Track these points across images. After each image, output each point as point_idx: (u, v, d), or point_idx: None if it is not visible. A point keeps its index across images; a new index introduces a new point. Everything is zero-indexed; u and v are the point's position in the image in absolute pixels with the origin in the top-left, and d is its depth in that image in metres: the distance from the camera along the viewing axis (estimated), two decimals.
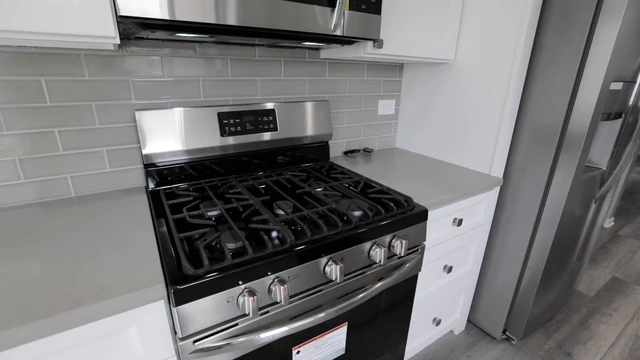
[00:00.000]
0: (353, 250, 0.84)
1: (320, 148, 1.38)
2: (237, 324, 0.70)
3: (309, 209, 0.90)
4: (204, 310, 0.65)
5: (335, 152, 1.55)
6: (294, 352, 0.84)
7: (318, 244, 0.77)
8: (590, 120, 1.11)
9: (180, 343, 0.64)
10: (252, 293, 0.67)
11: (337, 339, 0.92)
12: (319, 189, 1.09)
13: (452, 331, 1.59)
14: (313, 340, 0.86)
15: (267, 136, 1.21)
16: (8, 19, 0.61)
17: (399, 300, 1.07)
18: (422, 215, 0.97)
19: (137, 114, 0.98)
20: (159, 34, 0.87)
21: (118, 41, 0.72)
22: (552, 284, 1.47)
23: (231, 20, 0.77)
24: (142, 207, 0.94)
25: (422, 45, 1.24)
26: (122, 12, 0.67)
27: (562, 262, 1.45)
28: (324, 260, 0.80)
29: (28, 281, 0.62)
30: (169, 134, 1.03)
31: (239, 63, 1.18)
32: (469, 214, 1.25)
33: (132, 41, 0.98)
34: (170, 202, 0.94)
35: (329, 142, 1.50)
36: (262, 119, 1.20)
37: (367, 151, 1.59)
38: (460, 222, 1.19)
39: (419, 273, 1.13)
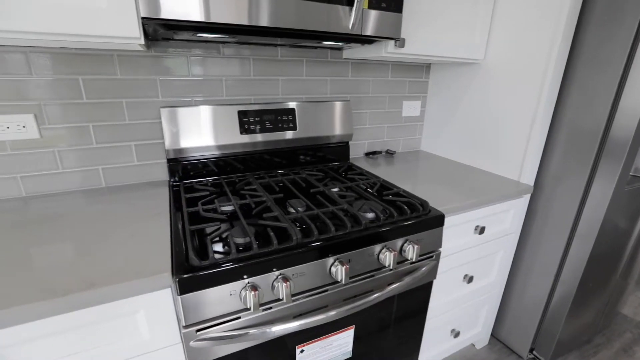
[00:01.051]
0: (361, 252, 0.83)
1: (340, 148, 1.37)
2: (239, 317, 0.71)
3: (320, 209, 0.89)
4: (207, 301, 0.67)
5: (357, 153, 1.54)
6: (298, 350, 0.84)
7: (325, 244, 0.77)
8: (637, 124, 1.00)
9: (184, 331, 0.66)
10: (254, 288, 0.68)
11: (344, 341, 0.90)
12: (335, 189, 1.09)
13: (473, 345, 1.51)
14: (318, 340, 0.86)
15: (286, 135, 1.23)
16: (47, 22, 0.66)
17: (412, 307, 1.03)
18: (437, 221, 0.93)
19: (161, 111, 1.03)
20: (183, 35, 0.91)
21: (142, 41, 0.76)
22: (588, 302, 1.35)
23: (252, 20, 0.79)
24: (163, 200, 0.99)
25: (448, 45, 1.19)
26: (148, 14, 0.71)
27: (601, 280, 1.32)
28: (330, 260, 0.79)
29: (52, 262, 0.67)
30: (190, 131, 1.07)
31: (262, 63, 1.20)
32: (493, 222, 1.18)
33: (160, 42, 1.03)
34: (188, 195, 0.98)
35: (350, 142, 1.49)
36: (282, 118, 1.21)
37: (389, 153, 1.56)
38: (482, 230, 1.12)
39: (434, 281, 1.08)
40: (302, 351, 0.84)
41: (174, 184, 1.09)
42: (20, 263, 0.67)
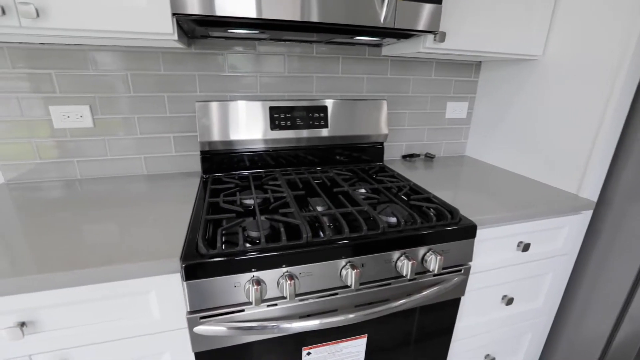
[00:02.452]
0: (376, 257, 0.78)
1: (373, 149, 1.32)
2: (243, 310, 0.71)
3: (339, 209, 0.86)
4: (212, 290, 0.68)
5: (393, 155, 1.47)
6: (304, 352, 0.81)
7: (336, 245, 0.73)
8: None
9: (188, 316, 0.68)
10: (257, 282, 0.67)
11: (355, 349, 0.86)
12: (361, 190, 1.04)
13: None
14: (326, 345, 0.82)
15: (317, 133, 1.21)
16: (94, 20, 0.73)
17: (435, 325, 0.94)
18: (468, 232, 0.84)
19: (197, 105, 1.08)
20: (215, 31, 0.94)
21: (176, 37, 0.81)
22: None
23: (280, 14, 0.78)
24: (192, 190, 1.04)
25: (500, 39, 1.07)
26: (179, 10, 0.74)
27: None
28: (341, 262, 0.75)
29: (79, 238, 0.74)
30: (222, 125, 1.11)
31: (296, 60, 1.20)
32: (541, 239, 1.03)
33: (199, 40, 1.09)
34: (213, 187, 1.01)
35: (385, 144, 1.42)
36: (313, 115, 1.20)
37: (428, 157, 1.46)
38: (526, 248, 0.99)
39: (463, 298, 0.98)
40: (308, 353, 0.82)
41: (205, 175, 1.14)
42: (58, 236, 0.74)
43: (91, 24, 0.74)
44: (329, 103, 1.22)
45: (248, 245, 0.70)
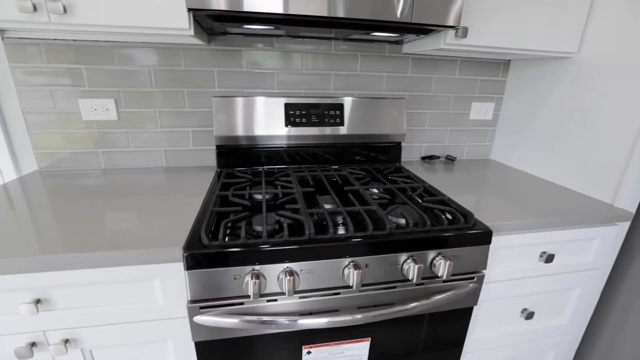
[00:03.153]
0: (382, 259, 0.75)
1: (390, 149, 1.29)
2: (242, 304, 0.71)
3: (347, 207, 0.84)
4: (212, 281, 0.68)
5: (412, 156, 1.42)
6: (304, 351, 0.80)
7: (339, 244, 0.72)
8: None
9: (189, 305, 0.69)
10: (257, 276, 0.67)
11: (357, 352, 0.83)
12: (374, 190, 1.02)
13: None
14: (326, 345, 0.81)
15: (332, 131, 1.20)
16: (109, 16, 0.77)
17: (445, 334, 0.90)
18: (482, 237, 0.79)
19: (213, 100, 1.10)
20: (235, 29, 0.96)
21: (192, 33, 0.83)
22: None
23: (293, 9, 0.78)
24: (205, 183, 1.06)
25: (529, 35, 1.01)
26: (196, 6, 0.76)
27: None
28: (345, 261, 0.73)
29: (95, 223, 0.77)
30: (237, 120, 1.12)
31: (314, 57, 1.20)
32: (567, 250, 0.95)
33: (218, 37, 1.11)
34: (225, 180, 1.02)
35: (403, 144, 1.38)
36: (329, 113, 1.19)
37: (449, 159, 1.40)
38: (550, 259, 0.92)
39: (475, 307, 0.92)
40: (308, 352, 0.80)
41: (219, 169, 1.16)
42: (77, 220, 0.78)
43: (113, 20, 0.78)
44: (345, 101, 1.20)
45: (250, 238, 0.70)
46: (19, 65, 1.02)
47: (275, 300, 0.72)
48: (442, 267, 0.75)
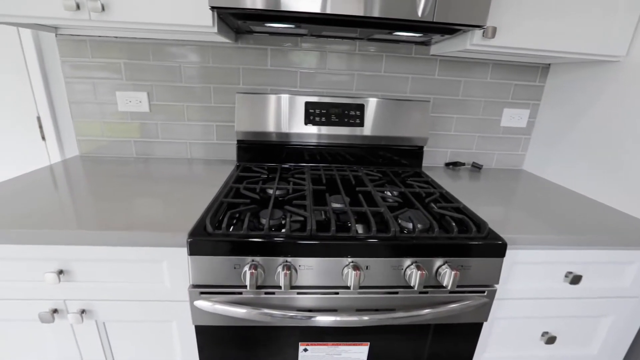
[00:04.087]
0: (384, 262, 0.73)
1: (411, 152, 1.25)
2: (241, 293, 0.72)
3: (354, 207, 0.83)
4: (212, 268, 0.70)
5: (435, 161, 1.37)
6: (301, 347, 0.80)
7: (341, 242, 0.71)
8: None
9: (190, 290, 0.72)
10: (255, 267, 0.68)
11: (355, 356, 0.82)
12: (387, 192, 0.99)
13: None
14: (324, 345, 0.80)
15: (351, 131, 1.19)
16: (141, 13, 0.82)
17: (450, 348, 0.85)
18: (495, 249, 0.74)
19: (236, 96, 1.14)
20: (254, 25, 0.98)
21: (216, 30, 0.86)
22: None
23: (316, 7, 0.78)
24: (224, 175, 1.10)
25: (569, 36, 0.94)
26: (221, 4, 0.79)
27: None
28: (345, 261, 0.72)
29: (118, 205, 0.83)
30: (257, 116, 1.15)
31: (338, 56, 1.20)
32: (599, 272, 0.86)
33: (245, 35, 1.15)
34: (241, 174, 1.05)
35: (425, 148, 1.33)
36: (349, 113, 1.18)
37: (475, 167, 1.33)
38: (577, 280, 0.84)
39: (485, 324, 0.86)
40: (305, 350, 0.80)
41: (239, 163, 1.20)
42: (103, 201, 0.85)
43: (144, 18, 0.83)
44: (366, 102, 1.18)
45: (253, 230, 0.72)
46: (68, 59, 1.13)
47: (273, 293, 0.73)
48: (447, 277, 0.72)
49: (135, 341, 0.84)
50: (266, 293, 0.73)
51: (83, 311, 0.79)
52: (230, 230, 0.72)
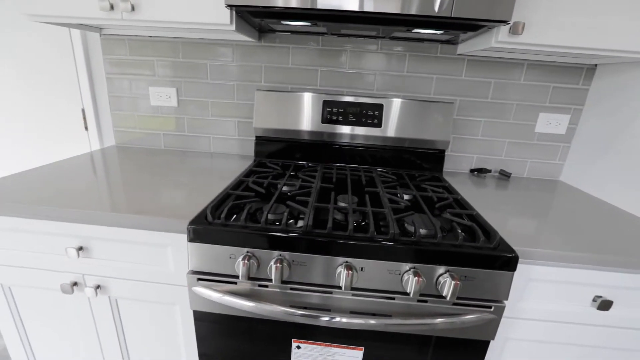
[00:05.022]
0: (380, 265, 0.70)
1: (431, 156, 1.19)
2: (235, 283, 0.74)
3: (357, 207, 0.81)
4: (210, 256, 0.73)
5: (460, 167, 1.29)
6: (294, 344, 0.79)
7: (333, 240, 0.69)
8: None
9: (188, 275, 0.74)
10: (248, 258, 0.69)
11: (348, 359, 0.80)
12: (397, 195, 0.96)
13: None
14: (316, 344, 0.79)
15: (368, 131, 1.17)
16: (166, 13, 0.88)
17: None
18: (504, 262, 0.68)
19: (256, 93, 1.17)
20: (273, 23, 1.00)
21: (233, 28, 0.90)
22: None
23: (326, 3, 0.78)
24: (239, 170, 1.13)
25: (615, 32, 0.84)
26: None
27: None
28: (339, 260, 0.71)
29: (139, 191, 0.89)
30: (276, 114, 1.17)
31: (359, 55, 1.18)
32: (634, 300, 0.76)
33: (268, 34, 1.17)
34: (254, 168, 1.08)
35: (448, 152, 1.27)
36: (367, 113, 1.16)
37: (503, 174, 1.24)
38: (606, 306, 0.74)
39: (494, 343, 0.79)
40: (298, 347, 0.79)
41: (256, 158, 1.23)
42: (127, 187, 0.91)
43: (168, 16, 0.89)
44: (385, 102, 1.15)
45: (247, 222, 0.73)
46: (109, 57, 1.24)
47: (266, 286, 0.74)
48: (447, 286, 0.67)
49: (144, 320, 0.89)
50: (260, 285, 0.74)
51: (98, 286, 0.85)
52: (232, 221, 0.74)
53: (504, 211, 0.91)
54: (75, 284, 0.86)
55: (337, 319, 0.69)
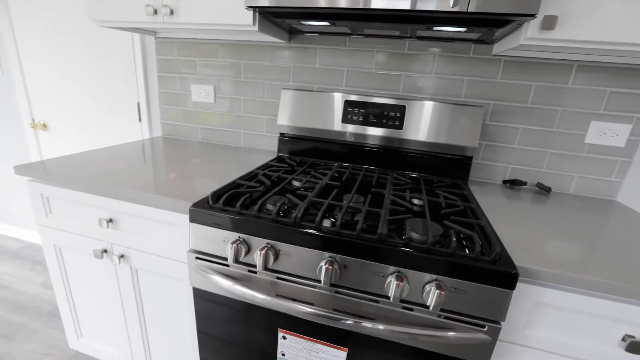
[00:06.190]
0: (363, 264, 0.68)
1: (456, 162, 1.12)
2: (228, 265, 0.78)
3: (353, 205, 0.80)
4: (207, 237, 0.78)
5: (492, 177, 1.19)
6: (280, 334, 0.81)
7: (318, 234, 0.69)
8: None
9: (188, 253, 0.81)
10: (237, 243, 0.73)
11: (332, 358, 0.78)
12: (405, 199, 0.92)
13: None
14: (302, 338, 0.79)
15: (387, 133, 1.14)
16: (198, 16, 0.97)
17: None
18: (501, 278, 0.61)
19: (282, 91, 1.22)
20: (306, 27, 1.04)
21: (256, 28, 0.96)
22: None
23: (335, 1, 0.79)
24: (260, 163, 1.19)
25: None
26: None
27: None
28: (324, 255, 0.71)
29: (165, 175, 0.99)
30: (299, 112, 1.21)
31: (386, 56, 1.16)
32: None
33: (297, 35, 1.22)
34: (270, 162, 1.12)
35: (477, 160, 1.17)
36: (388, 114, 1.13)
37: (541, 188, 1.10)
38: (637, 348, 0.62)
39: None
40: (284, 337, 0.80)
41: (278, 154, 1.28)
42: (160, 170, 1.02)
43: (200, 19, 0.98)
44: (408, 103, 1.12)
45: (241, 209, 0.77)
46: (160, 57, 1.40)
47: (255, 272, 0.76)
48: (432, 296, 0.63)
49: (158, 293, 0.98)
50: (249, 271, 0.77)
51: (122, 256, 0.96)
52: (236, 207, 0.78)
53: (531, 227, 0.82)
54: (105, 250, 0.98)
55: (316, 312, 0.69)
